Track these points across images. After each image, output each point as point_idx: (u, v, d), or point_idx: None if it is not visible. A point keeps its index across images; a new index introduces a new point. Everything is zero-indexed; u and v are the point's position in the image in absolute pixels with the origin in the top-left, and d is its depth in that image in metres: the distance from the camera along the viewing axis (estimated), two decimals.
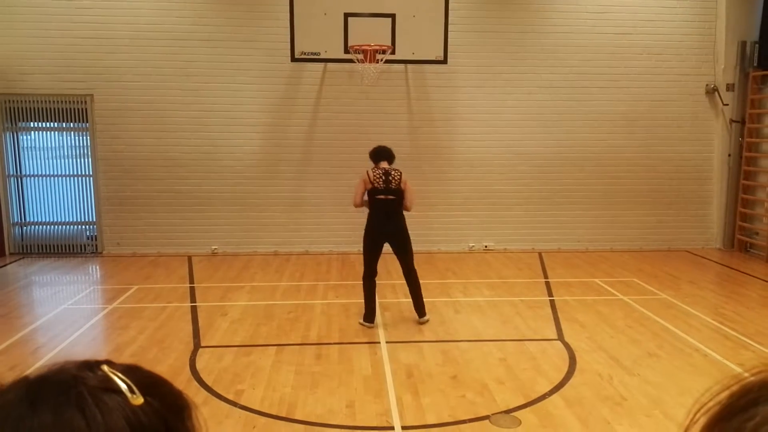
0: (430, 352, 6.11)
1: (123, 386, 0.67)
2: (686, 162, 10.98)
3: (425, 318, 6.90)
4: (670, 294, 8.06)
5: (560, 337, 6.53)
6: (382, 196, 6.62)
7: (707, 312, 7.35)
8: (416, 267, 6.85)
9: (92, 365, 0.70)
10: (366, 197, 6.71)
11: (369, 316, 6.84)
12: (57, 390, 0.66)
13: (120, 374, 0.69)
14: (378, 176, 6.61)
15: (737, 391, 0.63)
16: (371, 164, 6.75)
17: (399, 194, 6.64)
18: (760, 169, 10.63)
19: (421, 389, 5.24)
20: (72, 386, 0.66)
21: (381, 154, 6.77)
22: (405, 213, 6.77)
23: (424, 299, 6.99)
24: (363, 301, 6.85)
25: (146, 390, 0.68)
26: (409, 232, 6.79)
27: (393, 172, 6.65)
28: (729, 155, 10.83)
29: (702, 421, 0.64)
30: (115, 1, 9.98)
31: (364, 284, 6.83)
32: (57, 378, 0.68)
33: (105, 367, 0.70)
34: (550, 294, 8.17)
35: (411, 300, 6.95)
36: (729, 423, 0.61)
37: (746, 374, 0.64)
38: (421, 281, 6.92)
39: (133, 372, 0.71)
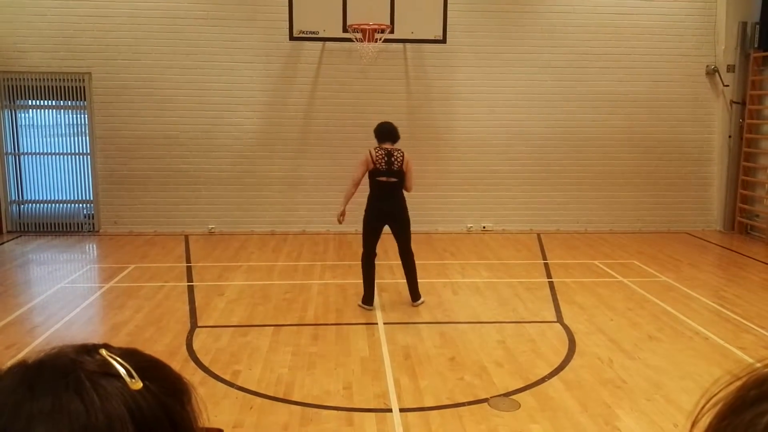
0: (428, 333, 6.08)
1: (121, 371, 0.66)
2: (686, 143, 10.91)
3: (419, 301, 6.84)
4: (670, 276, 8.03)
5: (559, 319, 6.51)
6: (383, 178, 6.47)
7: (708, 295, 7.33)
8: (414, 248, 6.79)
9: (90, 349, 0.69)
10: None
11: (368, 298, 6.77)
12: (55, 375, 0.65)
13: (118, 358, 0.68)
14: (380, 157, 6.45)
15: (749, 382, 0.58)
16: (374, 143, 6.61)
17: (401, 176, 6.49)
18: (760, 150, 10.57)
19: (419, 371, 5.22)
20: (70, 371, 0.65)
21: (386, 133, 6.57)
22: (405, 194, 6.66)
23: (422, 280, 6.95)
24: (361, 281, 6.80)
25: (145, 374, 0.67)
26: (408, 212, 6.73)
27: (396, 153, 6.47)
28: (729, 136, 10.76)
29: (711, 413, 0.59)
30: None
31: (362, 265, 6.76)
32: (55, 363, 0.67)
33: (103, 351, 0.69)
34: (548, 276, 8.14)
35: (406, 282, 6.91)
36: (740, 416, 0.56)
37: (758, 365, 0.60)
38: (418, 262, 6.88)
39: (131, 356, 0.70)
